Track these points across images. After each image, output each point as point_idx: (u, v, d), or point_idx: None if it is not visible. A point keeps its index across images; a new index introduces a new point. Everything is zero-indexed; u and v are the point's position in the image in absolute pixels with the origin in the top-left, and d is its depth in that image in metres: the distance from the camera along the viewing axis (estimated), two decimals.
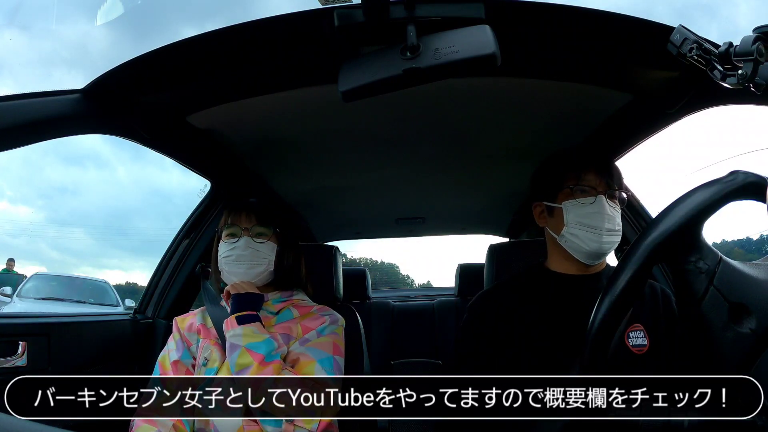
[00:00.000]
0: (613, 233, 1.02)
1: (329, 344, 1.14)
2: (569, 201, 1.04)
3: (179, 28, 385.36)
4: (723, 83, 0.60)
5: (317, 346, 1.13)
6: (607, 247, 1.02)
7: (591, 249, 1.02)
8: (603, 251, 1.03)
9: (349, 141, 1.38)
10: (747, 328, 0.51)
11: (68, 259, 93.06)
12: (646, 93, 1.07)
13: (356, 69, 0.75)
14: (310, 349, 1.12)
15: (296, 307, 1.21)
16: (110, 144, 30.12)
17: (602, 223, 1.01)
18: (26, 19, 1.59)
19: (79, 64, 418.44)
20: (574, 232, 1.03)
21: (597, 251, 1.02)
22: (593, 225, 1.01)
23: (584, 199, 1.03)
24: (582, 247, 1.03)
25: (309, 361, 1.09)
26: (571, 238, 1.04)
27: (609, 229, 1.01)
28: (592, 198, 1.02)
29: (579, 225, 1.02)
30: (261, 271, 1.17)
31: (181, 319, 1.23)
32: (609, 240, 1.02)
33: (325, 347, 1.13)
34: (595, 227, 1.01)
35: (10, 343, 1.08)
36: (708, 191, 0.57)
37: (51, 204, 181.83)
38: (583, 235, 1.02)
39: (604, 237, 1.01)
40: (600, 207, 1.01)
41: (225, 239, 1.18)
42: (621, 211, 1.06)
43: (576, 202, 1.03)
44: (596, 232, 1.01)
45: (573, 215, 1.03)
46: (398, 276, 16.51)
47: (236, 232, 1.18)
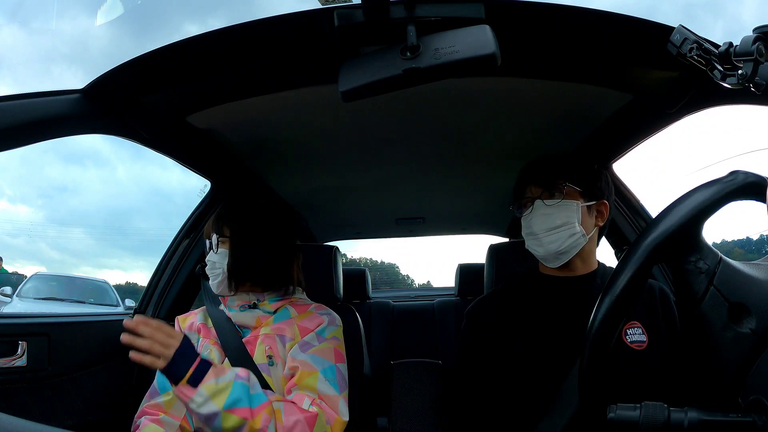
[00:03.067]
0: (555, 231, 1.03)
1: (330, 351, 1.12)
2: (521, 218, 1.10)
3: (180, 24, 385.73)
4: (723, 83, 0.60)
5: (320, 354, 1.10)
6: (553, 246, 1.03)
7: (540, 253, 1.06)
8: (551, 251, 1.04)
9: (349, 141, 1.38)
10: (747, 328, 0.51)
11: (68, 259, 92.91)
12: (646, 93, 1.07)
13: (356, 69, 0.74)
14: (311, 357, 1.09)
15: (294, 305, 1.20)
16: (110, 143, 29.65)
17: (537, 227, 1.04)
18: (26, 16, 1.60)
19: (78, 60, 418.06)
20: (527, 244, 1.09)
21: (546, 254, 1.05)
22: (531, 232, 1.06)
23: (525, 211, 1.08)
24: (535, 253, 1.08)
25: (312, 371, 1.06)
26: (528, 249, 1.10)
27: (548, 229, 1.03)
28: (529, 207, 1.07)
29: (525, 236, 1.08)
30: (219, 281, 1.16)
31: (183, 318, 1.23)
32: (553, 239, 1.03)
33: (326, 355, 1.10)
34: (533, 233, 1.05)
35: (10, 343, 1.08)
36: (708, 191, 0.57)
37: (51, 203, 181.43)
38: (530, 243, 1.08)
39: (544, 239, 1.04)
40: (534, 213, 1.05)
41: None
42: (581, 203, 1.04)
43: (522, 218, 1.09)
44: (536, 238, 1.05)
45: (522, 228, 1.09)
46: (398, 276, 16.53)
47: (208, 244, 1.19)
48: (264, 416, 0.93)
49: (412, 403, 1.40)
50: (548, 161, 1.11)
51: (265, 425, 0.93)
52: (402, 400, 1.41)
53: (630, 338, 0.99)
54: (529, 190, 1.09)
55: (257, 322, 1.15)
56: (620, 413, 0.52)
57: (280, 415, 0.96)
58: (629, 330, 1.00)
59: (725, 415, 0.48)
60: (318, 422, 0.99)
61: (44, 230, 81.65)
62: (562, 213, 1.03)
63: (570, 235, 1.03)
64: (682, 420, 0.49)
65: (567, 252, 1.04)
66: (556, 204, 1.04)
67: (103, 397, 1.29)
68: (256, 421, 0.92)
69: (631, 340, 0.99)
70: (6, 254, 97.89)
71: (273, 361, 1.09)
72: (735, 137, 10.47)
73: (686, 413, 0.49)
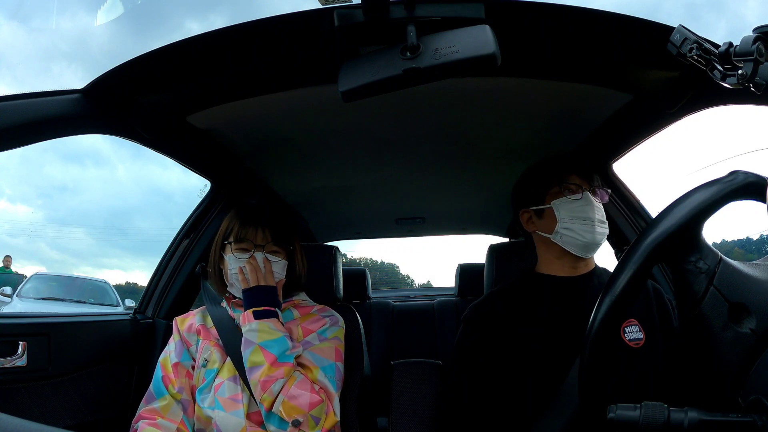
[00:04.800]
0: (603, 225, 1.08)
1: (332, 350, 1.14)
2: (558, 199, 1.09)
3: (181, 21, 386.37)
4: (723, 83, 0.60)
5: (320, 353, 1.12)
6: (599, 238, 1.07)
7: (586, 240, 1.06)
8: (597, 242, 1.07)
9: (349, 141, 1.38)
10: (747, 328, 0.51)
11: (68, 258, 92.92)
12: (646, 93, 1.07)
13: (356, 69, 0.74)
14: (312, 354, 1.11)
15: (297, 307, 1.21)
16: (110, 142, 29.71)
17: (593, 214, 1.06)
18: (26, 14, 1.59)
19: (78, 58, 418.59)
20: (568, 226, 1.07)
21: (591, 242, 1.06)
22: (585, 217, 1.06)
23: (573, 195, 1.08)
24: (577, 239, 1.06)
25: (312, 367, 1.09)
26: (566, 233, 1.07)
27: (599, 220, 1.07)
28: (579, 194, 1.08)
29: (572, 219, 1.07)
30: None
31: (181, 319, 1.23)
32: (601, 231, 1.06)
33: (327, 354, 1.13)
34: (588, 219, 1.06)
35: (10, 343, 1.08)
36: (708, 191, 0.57)
37: (50, 203, 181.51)
38: (577, 227, 1.06)
39: (596, 228, 1.06)
40: (588, 201, 1.07)
41: (235, 252, 1.14)
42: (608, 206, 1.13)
43: (566, 199, 1.08)
44: (589, 224, 1.06)
45: (565, 210, 1.08)
46: (398, 276, 16.56)
47: (248, 247, 1.14)
48: (281, 371, 1.03)
49: (412, 403, 1.40)
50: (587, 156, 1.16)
51: (277, 377, 1.03)
52: (402, 401, 1.40)
53: (628, 336, 0.99)
54: (572, 179, 1.10)
55: None
56: (620, 413, 0.52)
57: (293, 381, 1.04)
58: (627, 328, 1.00)
59: (725, 415, 0.48)
60: (319, 408, 1.04)
61: (44, 230, 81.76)
62: (603, 211, 1.09)
63: (607, 231, 1.09)
64: (682, 420, 0.49)
65: (600, 245, 1.09)
66: (600, 202, 1.09)
67: (102, 397, 1.28)
68: (272, 370, 1.03)
69: (629, 338, 0.99)
70: (6, 254, 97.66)
71: None
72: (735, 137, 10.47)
73: (686, 413, 0.49)
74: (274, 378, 1.02)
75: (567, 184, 1.09)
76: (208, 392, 1.08)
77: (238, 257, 1.14)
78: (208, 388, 1.09)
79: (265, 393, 1.02)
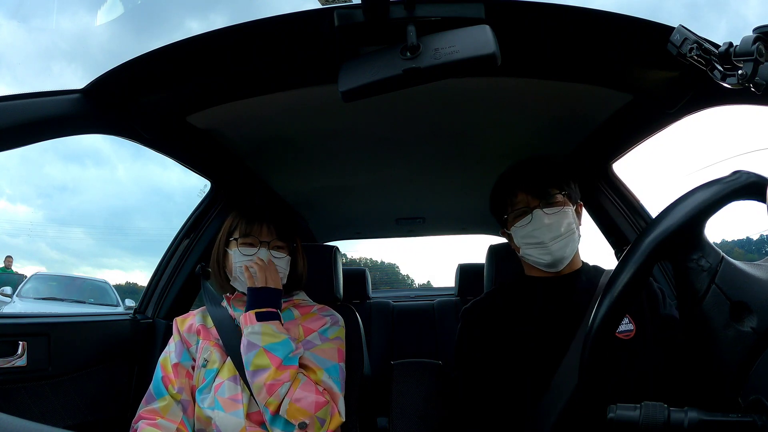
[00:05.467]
0: (560, 238, 1.05)
1: (334, 351, 1.15)
2: (513, 226, 1.09)
3: (181, 20, 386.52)
4: (723, 83, 0.60)
5: (322, 354, 1.13)
6: (560, 252, 1.05)
7: (547, 261, 1.06)
8: (558, 257, 1.05)
9: (349, 141, 1.38)
10: (748, 326, 0.51)
11: (68, 258, 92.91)
12: (646, 93, 1.07)
13: (356, 69, 0.74)
14: (315, 355, 1.12)
15: (297, 307, 1.21)
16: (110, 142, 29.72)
17: (544, 235, 1.04)
18: (26, 14, 1.59)
19: (78, 57, 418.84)
20: (526, 252, 1.09)
21: (553, 261, 1.06)
22: (536, 241, 1.05)
23: (522, 221, 1.07)
24: (538, 261, 1.07)
25: (316, 369, 1.10)
26: (528, 257, 1.09)
27: (554, 237, 1.04)
28: (528, 216, 1.06)
29: (527, 245, 1.08)
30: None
31: (182, 320, 1.23)
32: (560, 246, 1.05)
33: (330, 355, 1.13)
34: (540, 242, 1.05)
35: (10, 343, 1.08)
36: (711, 190, 0.57)
37: (50, 203, 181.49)
38: (534, 252, 1.07)
39: (551, 247, 1.04)
40: (537, 222, 1.05)
41: (241, 247, 1.16)
42: (572, 208, 1.08)
43: (516, 226, 1.08)
44: (542, 246, 1.05)
45: (519, 237, 1.09)
46: (398, 276, 16.58)
47: (254, 242, 1.17)
48: (286, 374, 1.03)
49: (412, 403, 1.40)
50: (536, 167, 1.11)
51: (283, 381, 1.03)
52: (402, 401, 1.40)
53: (619, 327, 0.99)
54: (522, 199, 1.07)
55: None
56: (620, 413, 0.52)
57: (297, 384, 1.04)
58: None
59: (725, 415, 0.48)
60: (324, 409, 1.04)
61: (44, 230, 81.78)
62: (563, 220, 1.05)
63: (573, 240, 1.06)
64: (682, 420, 0.49)
65: (569, 256, 1.07)
66: (555, 212, 1.05)
67: (102, 397, 1.28)
68: (278, 373, 1.03)
69: (619, 329, 0.99)
70: (5, 254, 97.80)
71: None
72: (735, 137, 10.51)
73: (686, 413, 0.49)
74: (280, 381, 1.02)
75: (515, 207, 1.08)
76: (208, 392, 1.08)
77: (243, 252, 1.16)
78: (207, 388, 1.09)
79: (272, 396, 1.01)
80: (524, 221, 1.06)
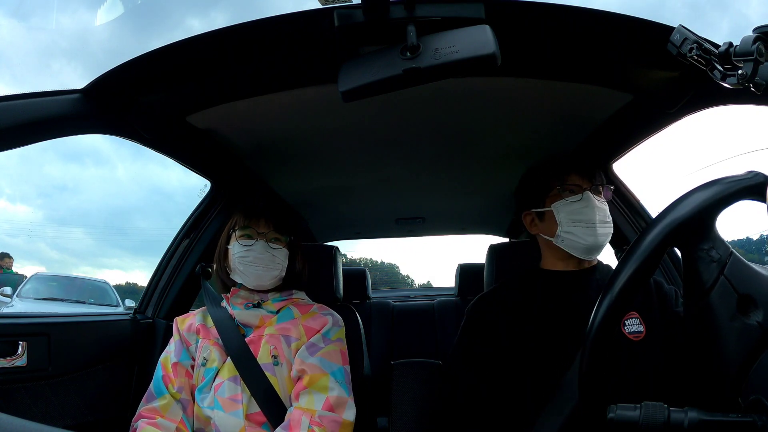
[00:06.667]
0: (606, 225, 1.06)
1: (338, 354, 1.15)
2: (558, 202, 1.08)
3: (182, 18, 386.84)
4: (723, 83, 0.60)
5: (328, 357, 1.13)
6: (603, 239, 1.05)
7: (588, 243, 1.05)
8: (599, 243, 1.05)
9: (349, 141, 1.38)
10: (754, 320, 0.51)
11: (67, 258, 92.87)
12: (646, 93, 1.07)
13: (356, 69, 0.74)
14: (321, 360, 1.11)
15: (296, 305, 1.21)
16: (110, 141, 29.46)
17: (594, 216, 1.04)
18: (26, 13, 1.58)
19: (79, 55, 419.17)
20: (568, 230, 1.06)
21: (594, 244, 1.05)
22: (586, 219, 1.05)
23: (572, 197, 1.07)
24: (579, 242, 1.05)
25: (322, 374, 1.09)
26: (567, 236, 1.07)
27: (601, 221, 1.05)
28: (579, 195, 1.06)
29: (572, 222, 1.06)
30: (275, 275, 1.18)
31: (182, 319, 1.23)
32: (603, 232, 1.05)
33: (335, 358, 1.14)
34: (588, 221, 1.04)
35: (10, 343, 1.08)
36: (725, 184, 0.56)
37: (50, 203, 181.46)
38: (578, 231, 1.05)
39: (598, 229, 1.04)
40: (588, 202, 1.05)
41: (240, 240, 1.19)
42: (609, 206, 1.10)
43: (565, 201, 1.07)
44: (590, 226, 1.04)
45: (564, 214, 1.07)
46: (398, 276, 16.60)
47: (252, 234, 1.19)
48: None
49: (412, 403, 1.40)
50: (587, 156, 1.14)
51: None
52: (402, 401, 1.40)
53: (628, 329, 0.99)
54: (575, 179, 1.08)
55: (260, 321, 1.16)
56: (620, 413, 0.52)
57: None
58: (627, 321, 1.00)
59: (725, 415, 0.48)
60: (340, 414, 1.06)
61: (43, 230, 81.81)
62: (607, 210, 1.08)
63: (611, 232, 1.08)
64: (682, 420, 0.49)
65: (604, 247, 1.08)
66: (603, 201, 1.08)
67: (102, 397, 1.28)
68: None
69: (629, 330, 0.99)
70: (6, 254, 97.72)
71: (278, 361, 1.10)
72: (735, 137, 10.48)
73: (686, 413, 0.49)
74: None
75: (567, 185, 1.08)
76: (208, 392, 1.08)
77: (242, 244, 1.18)
78: (207, 387, 1.09)
79: None
80: (575, 198, 1.06)
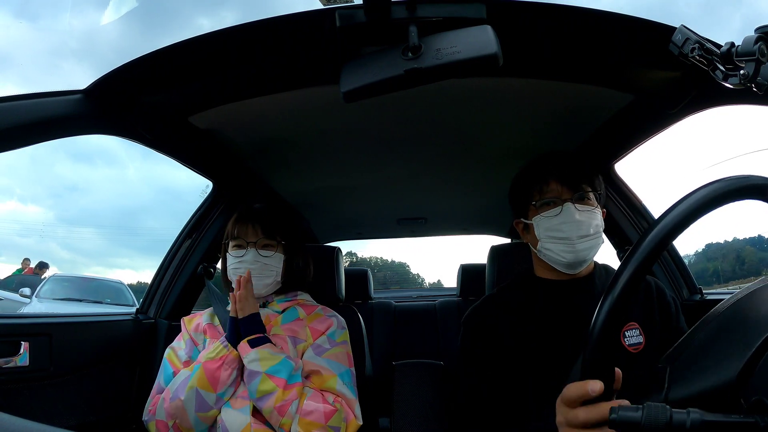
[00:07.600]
0: (588, 239, 0.99)
1: (344, 355, 1.16)
2: (536, 216, 1.03)
3: (191, 17, 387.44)
4: (725, 83, 0.60)
5: (335, 358, 1.14)
6: (584, 254, 1.00)
7: (567, 260, 1.00)
8: (580, 259, 1.00)
9: (351, 141, 1.38)
10: None
11: (78, 258, 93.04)
12: (647, 93, 1.07)
13: (358, 69, 0.74)
14: (328, 361, 1.12)
15: (302, 306, 1.22)
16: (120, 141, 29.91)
17: (573, 231, 0.98)
18: (36, 14, 1.59)
19: (88, 56, 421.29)
20: (547, 246, 1.02)
21: (573, 261, 1.00)
22: (563, 237, 0.99)
23: (549, 211, 1.01)
24: (558, 259, 1.01)
25: (331, 375, 1.11)
26: (547, 252, 1.03)
27: (582, 236, 0.99)
28: (558, 208, 1.00)
29: (550, 239, 1.01)
30: (269, 282, 1.19)
31: (188, 320, 1.24)
32: (584, 247, 0.99)
33: (341, 359, 1.15)
34: (566, 238, 0.99)
35: (12, 343, 1.08)
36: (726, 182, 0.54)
37: (61, 203, 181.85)
38: (556, 248, 1.00)
39: (577, 245, 0.99)
40: (567, 216, 0.99)
41: (232, 251, 1.19)
42: (600, 209, 1.04)
43: (541, 217, 1.02)
44: (567, 243, 0.99)
45: (542, 230, 1.02)
46: (408, 275, 16.62)
47: (242, 244, 1.19)
48: (293, 393, 1.04)
49: (414, 404, 1.40)
50: (572, 161, 1.06)
51: (291, 400, 1.03)
52: (404, 401, 1.41)
53: (628, 341, 0.98)
54: (554, 188, 1.02)
55: (266, 320, 1.16)
56: (622, 414, 0.51)
57: (304, 398, 1.05)
58: (627, 332, 0.98)
59: (727, 416, 0.48)
60: (335, 417, 1.05)
61: (54, 230, 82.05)
62: (592, 220, 1.00)
63: (598, 244, 1.01)
64: (684, 421, 0.49)
65: (590, 260, 1.02)
66: (587, 211, 1.00)
67: (104, 397, 1.29)
68: (286, 394, 1.03)
69: (629, 342, 0.97)
70: (17, 254, 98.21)
71: None
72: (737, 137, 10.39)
73: (688, 414, 0.49)
74: (289, 401, 1.03)
75: (545, 195, 1.02)
76: None
77: (233, 255, 1.19)
78: None
79: (284, 417, 1.02)
80: (553, 212, 1.00)
